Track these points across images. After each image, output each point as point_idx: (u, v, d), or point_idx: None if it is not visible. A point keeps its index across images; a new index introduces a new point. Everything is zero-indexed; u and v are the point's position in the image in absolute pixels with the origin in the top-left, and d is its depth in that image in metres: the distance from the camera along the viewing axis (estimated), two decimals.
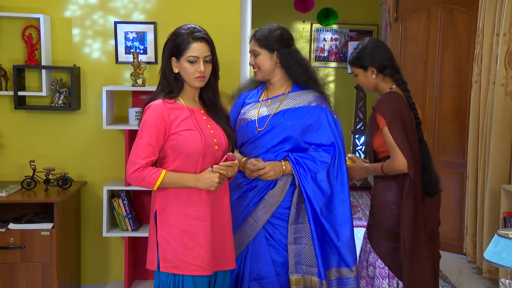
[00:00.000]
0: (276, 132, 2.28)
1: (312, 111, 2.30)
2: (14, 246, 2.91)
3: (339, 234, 2.25)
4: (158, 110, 2.01)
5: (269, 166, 2.22)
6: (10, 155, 3.31)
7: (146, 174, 1.98)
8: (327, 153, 2.28)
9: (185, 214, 2.03)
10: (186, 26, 2.07)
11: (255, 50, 2.32)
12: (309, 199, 2.23)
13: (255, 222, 2.26)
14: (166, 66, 2.08)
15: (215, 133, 2.08)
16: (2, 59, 3.24)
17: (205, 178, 2.01)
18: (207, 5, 3.32)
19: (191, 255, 2.01)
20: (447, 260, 4.09)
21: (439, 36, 4.22)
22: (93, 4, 3.29)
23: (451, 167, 4.25)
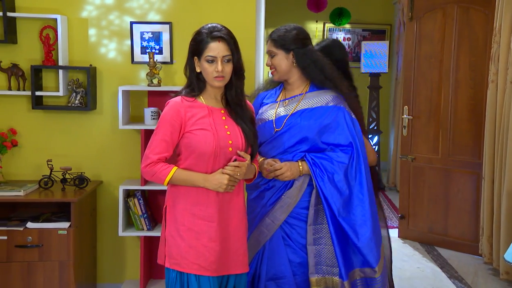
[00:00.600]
0: (293, 133, 2.27)
1: (329, 111, 2.28)
2: (32, 245, 2.94)
3: (359, 234, 2.23)
4: (175, 107, 2.03)
5: (285, 167, 2.22)
6: (27, 154, 3.34)
7: (157, 169, 2.01)
8: (345, 154, 2.27)
9: (192, 212, 2.03)
10: (207, 26, 2.06)
11: (272, 51, 2.31)
12: (326, 200, 2.21)
13: (272, 222, 2.26)
14: (189, 65, 2.09)
15: (231, 134, 2.06)
16: (20, 60, 3.27)
17: (214, 179, 2.01)
18: (222, 5, 3.32)
19: (194, 254, 2.01)
20: (462, 261, 4.07)
21: (455, 35, 4.19)
22: (109, 5, 3.31)
23: (466, 167, 4.22)
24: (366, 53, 6.14)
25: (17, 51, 3.27)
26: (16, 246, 2.93)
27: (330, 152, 2.28)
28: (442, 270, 3.90)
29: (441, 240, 4.37)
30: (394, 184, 6.58)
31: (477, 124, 4.14)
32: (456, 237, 4.29)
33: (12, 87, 3.26)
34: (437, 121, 4.36)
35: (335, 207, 2.21)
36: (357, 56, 7.41)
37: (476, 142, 4.15)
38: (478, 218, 4.10)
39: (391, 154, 6.80)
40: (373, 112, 6.47)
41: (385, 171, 7.04)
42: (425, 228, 4.49)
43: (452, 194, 4.31)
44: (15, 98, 3.30)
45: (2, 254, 2.92)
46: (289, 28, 2.33)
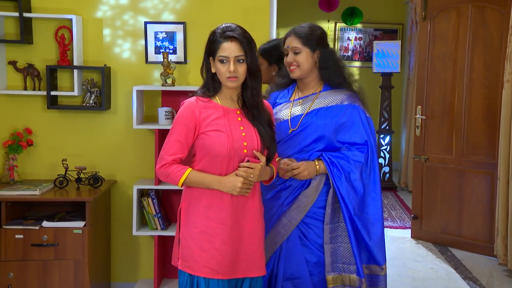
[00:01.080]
0: (309, 132, 2.27)
1: (345, 109, 2.28)
2: (48, 244, 2.96)
3: (371, 233, 2.26)
4: (189, 107, 2.02)
5: (303, 166, 2.21)
6: (42, 154, 3.37)
7: (171, 170, 1.99)
8: (360, 152, 2.27)
9: (205, 215, 2.01)
10: (222, 26, 2.04)
11: (297, 47, 2.27)
12: (343, 199, 2.22)
13: (289, 221, 2.25)
14: (205, 66, 2.07)
15: (247, 135, 2.02)
16: (35, 60, 3.29)
17: (228, 181, 1.98)
18: (236, 4, 3.32)
19: (206, 257, 1.99)
20: (477, 262, 4.04)
21: (469, 34, 4.16)
22: (123, 5, 3.33)
23: (480, 167, 4.19)
24: (378, 53, 6.11)
25: (32, 51, 3.30)
26: (32, 245, 2.95)
27: (346, 151, 2.27)
28: (456, 271, 3.87)
29: (455, 241, 4.34)
30: (406, 184, 6.55)
31: (491, 124, 4.10)
32: (470, 238, 4.25)
33: (27, 87, 3.29)
34: (451, 121, 4.33)
35: (351, 206, 2.23)
36: (369, 56, 7.38)
37: (490, 142, 4.12)
38: (493, 218, 4.07)
39: (402, 154, 6.77)
40: (385, 112, 6.45)
41: (397, 171, 7.01)
42: (438, 228, 4.46)
43: (466, 194, 4.28)
44: (30, 98, 3.33)
45: (18, 253, 2.94)
46: (313, 27, 2.32)
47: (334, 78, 2.31)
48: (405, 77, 6.82)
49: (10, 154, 3.24)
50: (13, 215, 3.04)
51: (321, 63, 2.30)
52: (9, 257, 2.94)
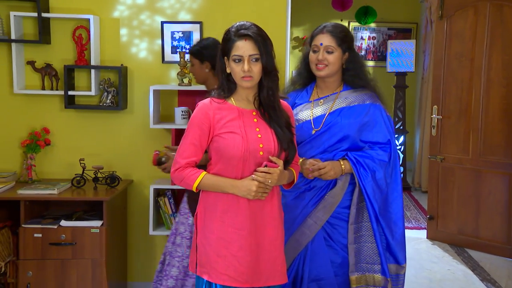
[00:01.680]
0: (334, 132, 2.25)
1: (367, 109, 2.27)
2: (66, 243, 2.97)
3: (394, 232, 2.26)
4: (203, 109, 1.95)
5: (329, 166, 2.19)
6: (60, 153, 3.39)
7: (185, 174, 1.94)
8: (384, 151, 2.26)
9: (222, 220, 1.94)
10: (236, 24, 1.96)
11: (332, 46, 2.24)
12: (369, 198, 2.21)
13: (314, 222, 2.24)
14: (220, 66, 2.00)
15: (263, 137, 1.95)
16: (53, 60, 3.31)
17: (242, 185, 1.91)
18: (253, 4, 3.32)
19: (223, 263, 1.92)
20: (494, 263, 3.99)
21: (487, 33, 4.11)
22: (140, 5, 3.33)
23: (498, 168, 4.14)
24: (392, 52, 6.07)
25: (50, 51, 3.32)
26: (51, 243, 2.96)
27: (370, 150, 2.26)
28: (474, 272, 3.83)
29: (472, 242, 4.30)
30: (419, 185, 6.50)
31: (509, 123, 4.06)
32: (488, 239, 4.21)
33: (45, 86, 3.31)
34: (468, 121, 4.29)
35: (376, 205, 2.23)
36: (382, 55, 7.33)
37: (508, 142, 4.07)
38: (511, 219, 4.02)
39: (416, 154, 6.72)
40: (399, 112, 6.40)
41: (410, 171, 6.96)
42: (454, 229, 4.42)
43: (483, 195, 4.23)
44: (48, 97, 3.34)
45: (37, 252, 2.96)
46: (344, 28, 2.30)
47: (357, 81, 2.30)
48: (419, 76, 6.77)
49: (28, 154, 3.27)
50: (31, 214, 3.06)
51: (348, 65, 2.29)
52: (27, 256, 2.96)
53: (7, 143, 3.35)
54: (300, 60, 2.43)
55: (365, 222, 2.25)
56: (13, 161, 3.36)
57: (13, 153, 3.36)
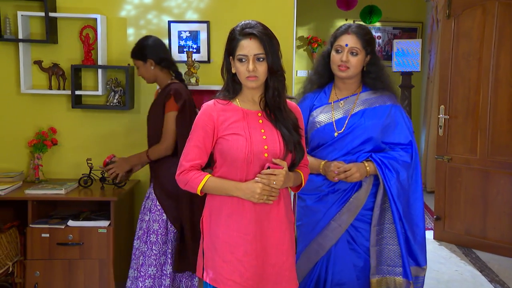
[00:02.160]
0: (357, 133, 2.21)
1: (388, 110, 2.24)
2: (73, 243, 2.97)
3: (415, 233, 2.24)
4: (207, 111, 1.91)
5: (354, 168, 2.16)
6: (66, 153, 3.38)
7: (189, 177, 1.90)
8: (406, 152, 2.24)
9: (226, 224, 1.90)
10: (241, 23, 1.90)
11: (357, 48, 2.20)
12: (394, 200, 2.19)
13: (339, 226, 2.21)
14: (225, 66, 1.94)
15: (268, 139, 1.89)
16: (60, 59, 3.30)
17: (246, 187, 1.85)
18: (260, 4, 3.30)
19: (228, 269, 1.88)
20: (503, 264, 3.97)
21: (495, 32, 4.08)
22: (147, 4, 3.33)
23: (506, 168, 4.11)
24: (398, 52, 6.03)
25: (57, 51, 3.31)
26: (58, 243, 2.96)
27: (392, 152, 2.25)
28: (482, 273, 3.81)
29: (479, 243, 4.27)
30: (425, 185, 6.47)
31: None
32: (496, 239, 4.18)
33: (52, 86, 3.30)
34: (475, 121, 4.26)
35: (400, 207, 2.20)
36: (387, 54, 7.30)
37: None
38: None
39: (421, 154, 6.69)
40: None
41: None
42: (462, 230, 4.39)
43: (491, 195, 4.21)
44: (55, 97, 3.34)
45: (44, 252, 2.95)
46: (369, 30, 2.26)
47: (379, 84, 2.27)
48: (425, 76, 6.74)
49: (35, 153, 3.26)
50: (38, 214, 3.06)
51: (369, 68, 2.26)
52: (35, 256, 2.96)
53: (14, 143, 3.35)
54: (319, 60, 2.36)
55: (387, 224, 2.23)
56: (20, 161, 3.36)
57: (20, 153, 3.36)
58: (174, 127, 2.73)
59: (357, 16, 6.99)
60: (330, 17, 7.17)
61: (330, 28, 7.23)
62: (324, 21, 7.21)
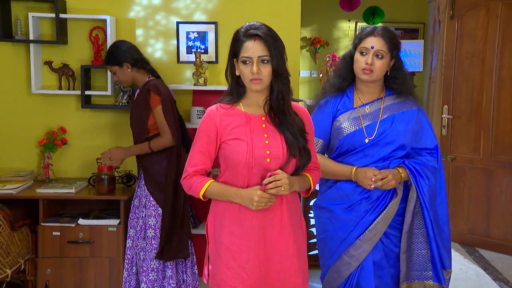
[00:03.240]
0: (389, 140, 2.16)
1: (415, 114, 2.20)
2: (84, 241, 3.00)
3: (442, 238, 2.21)
4: (210, 115, 1.88)
5: (391, 175, 2.10)
6: (76, 152, 3.42)
7: (192, 182, 1.88)
8: (432, 157, 2.21)
9: (229, 230, 1.87)
10: (245, 24, 1.86)
11: (383, 51, 2.12)
12: (426, 206, 2.16)
13: (373, 236, 2.15)
14: (230, 69, 1.89)
15: (270, 143, 1.85)
16: (70, 60, 3.34)
17: (245, 194, 1.81)
18: (267, 5, 3.34)
19: (231, 275, 1.86)
20: (506, 263, 4.00)
21: (499, 33, 4.12)
22: (156, 5, 3.36)
23: (509, 168, 4.15)
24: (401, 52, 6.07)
25: (67, 51, 3.35)
26: (69, 242, 3.00)
27: (421, 157, 2.21)
28: (486, 272, 3.84)
29: (483, 242, 4.31)
30: None
31: None
32: (499, 238, 4.22)
33: (62, 86, 3.34)
34: (479, 121, 4.30)
35: (431, 212, 2.17)
36: None
37: None
38: None
39: None
40: None
41: None
42: (465, 229, 4.43)
43: (494, 195, 4.25)
44: (65, 97, 3.38)
45: (55, 250, 2.99)
46: (394, 33, 2.19)
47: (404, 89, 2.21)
48: (427, 76, 6.78)
49: (46, 153, 3.30)
50: (49, 212, 3.09)
51: (394, 73, 2.19)
52: (46, 254, 3.00)
53: (24, 143, 3.38)
54: (341, 62, 2.28)
55: (416, 229, 2.19)
56: (31, 160, 3.40)
57: (31, 152, 3.39)
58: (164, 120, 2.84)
59: (360, 17, 7.03)
60: (333, 18, 7.21)
61: (333, 29, 7.28)
62: (327, 22, 7.25)
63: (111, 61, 2.91)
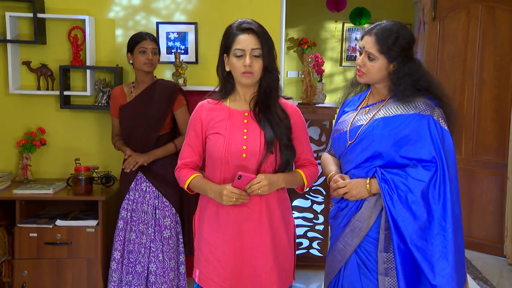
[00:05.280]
0: (365, 145, 1.94)
1: (409, 120, 1.90)
2: (61, 242, 2.99)
3: (436, 269, 1.82)
4: (198, 110, 1.98)
5: (350, 184, 1.92)
6: (55, 153, 3.40)
7: (180, 175, 1.97)
8: (426, 171, 1.86)
9: (209, 224, 1.94)
10: (238, 20, 1.91)
11: (372, 54, 1.92)
12: (395, 223, 1.85)
13: (343, 247, 1.97)
14: (220, 65, 1.94)
15: (248, 139, 1.88)
16: (48, 60, 3.32)
17: (216, 189, 1.87)
18: (247, 5, 3.34)
19: (209, 268, 1.93)
20: (486, 262, 4.03)
21: (479, 34, 4.16)
22: (136, 5, 3.35)
23: (490, 168, 4.18)
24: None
25: (46, 51, 3.33)
26: (46, 243, 2.98)
27: (409, 168, 1.90)
28: (466, 271, 3.86)
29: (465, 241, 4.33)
30: None
31: (501, 124, 4.10)
32: (480, 238, 4.25)
33: (41, 87, 3.32)
34: (460, 121, 4.32)
35: (406, 233, 1.84)
36: None
37: (500, 143, 4.11)
38: (503, 219, 4.07)
39: None
40: None
41: None
42: None
43: (475, 194, 4.28)
44: (43, 97, 3.36)
45: (32, 251, 2.97)
46: (400, 33, 1.91)
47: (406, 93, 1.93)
48: None
49: (24, 153, 3.28)
50: (27, 213, 3.07)
51: (395, 77, 1.93)
52: (23, 255, 2.97)
53: (2, 143, 3.36)
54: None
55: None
56: (9, 160, 3.38)
57: (9, 153, 3.37)
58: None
59: (347, 18, 7.06)
60: (320, 18, 7.23)
61: (320, 30, 7.29)
62: (314, 23, 7.26)
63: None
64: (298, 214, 3.93)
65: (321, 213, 3.88)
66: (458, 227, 1.89)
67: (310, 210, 3.89)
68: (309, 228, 3.92)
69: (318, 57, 4.16)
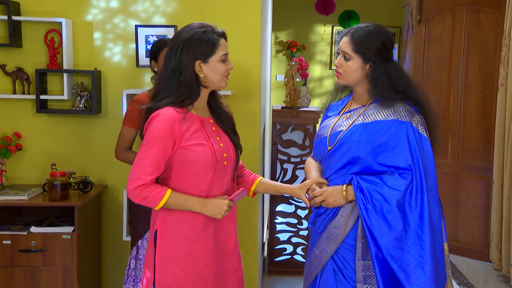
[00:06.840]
0: (343, 151, 1.93)
1: (387, 126, 1.88)
2: (36, 249, 2.92)
3: (412, 278, 1.80)
4: (169, 121, 1.80)
5: (326, 192, 1.92)
6: (32, 158, 3.34)
7: (149, 192, 1.80)
8: (403, 179, 1.84)
9: (187, 237, 1.87)
10: (196, 24, 1.86)
11: (347, 53, 1.93)
12: (371, 233, 1.84)
13: (320, 253, 1.97)
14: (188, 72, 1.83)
15: (224, 146, 1.90)
16: (24, 63, 3.26)
17: (213, 204, 1.85)
18: (227, 8, 3.30)
19: (191, 280, 1.87)
20: (472, 267, 4.00)
21: (464, 38, 4.14)
22: (114, 8, 3.30)
23: (476, 172, 4.16)
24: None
25: (22, 54, 3.27)
26: (20, 250, 2.91)
27: (385, 176, 1.88)
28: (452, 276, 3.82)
29: (450, 246, 4.27)
30: None
31: (487, 128, 4.08)
32: (466, 243, 4.22)
33: (16, 91, 3.26)
34: (446, 125, 4.30)
35: (382, 243, 1.83)
36: None
37: (486, 146, 4.09)
38: (488, 223, 4.04)
39: None
40: None
41: None
42: None
43: (461, 199, 4.25)
44: (19, 102, 3.30)
45: (6, 259, 2.90)
46: (376, 33, 1.93)
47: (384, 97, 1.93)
48: None
49: None
50: (1, 220, 3.01)
51: (371, 78, 1.93)
52: None
53: None
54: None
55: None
56: None
57: None
58: None
59: (336, 21, 7.04)
60: (309, 21, 7.20)
61: (309, 33, 7.27)
62: (303, 26, 7.24)
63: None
64: (282, 219, 3.89)
65: (305, 218, 3.85)
66: (436, 236, 1.87)
67: (294, 216, 3.86)
68: (293, 233, 3.88)
69: (302, 60, 4.13)
